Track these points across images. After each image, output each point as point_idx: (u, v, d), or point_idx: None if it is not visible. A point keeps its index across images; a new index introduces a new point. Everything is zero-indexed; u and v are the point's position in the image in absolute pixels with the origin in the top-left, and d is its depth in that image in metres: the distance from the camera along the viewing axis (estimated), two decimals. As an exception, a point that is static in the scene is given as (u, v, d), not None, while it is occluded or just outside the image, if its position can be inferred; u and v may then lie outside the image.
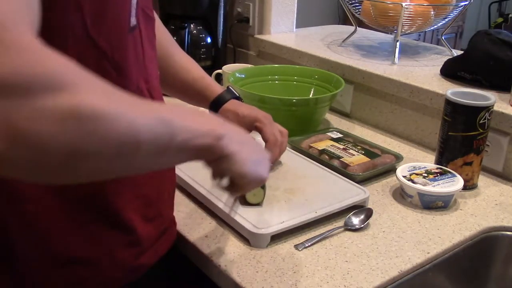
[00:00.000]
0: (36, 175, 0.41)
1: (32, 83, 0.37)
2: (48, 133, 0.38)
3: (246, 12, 1.58)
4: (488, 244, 0.86)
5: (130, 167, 0.47)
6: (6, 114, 0.36)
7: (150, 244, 0.68)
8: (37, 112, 0.37)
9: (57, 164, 0.40)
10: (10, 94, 0.36)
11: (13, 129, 0.36)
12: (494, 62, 1.09)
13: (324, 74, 1.26)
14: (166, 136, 0.47)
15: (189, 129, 0.49)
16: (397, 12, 1.27)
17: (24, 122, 0.37)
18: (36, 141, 0.37)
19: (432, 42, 3.51)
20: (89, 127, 0.40)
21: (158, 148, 0.46)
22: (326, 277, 0.70)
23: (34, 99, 0.37)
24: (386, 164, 1.00)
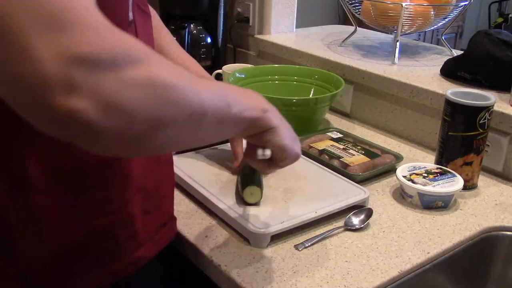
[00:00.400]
0: (118, 146, 0.44)
1: (115, 58, 0.41)
2: (133, 101, 0.41)
3: (246, 12, 1.58)
4: (488, 244, 0.86)
5: (195, 138, 0.51)
6: (96, 86, 0.39)
7: (148, 237, 0.69)
8: (122, 83, 0.41)
9: (139, 133, 0.43)
10: (98, 67, 0.39)
11: (104, 99, 0.40)
12: (494, 62, 1.09)
13: (324, 74, 1.26)
14: (224, 107, 0.52)
15: (240, 102, 0.54)
16: (397, 12, 1.27)
17: (112, 93, 0.40)
18: (124, 109, 0.41)
19: (432, 42, 3.51)
20: (164, 94, 0.44)
21: (218, 119, 0.51)
22: (326, 277, 0.70)
23: (118, 71, 0.41)
24: (386, 164, 1.00)
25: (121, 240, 0.65)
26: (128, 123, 0.42)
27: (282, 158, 0.63)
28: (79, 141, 0.42)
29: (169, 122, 0.45)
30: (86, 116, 0.39)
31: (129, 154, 0.48)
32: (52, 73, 0.38)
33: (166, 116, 0.44)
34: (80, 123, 0.39)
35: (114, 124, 0.41)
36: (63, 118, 0.39)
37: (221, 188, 0.87)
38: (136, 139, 0.44)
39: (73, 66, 0.38)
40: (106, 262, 0.64)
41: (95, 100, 0.39)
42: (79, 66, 0.38)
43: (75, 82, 0.38)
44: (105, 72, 0.40)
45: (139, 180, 0.66)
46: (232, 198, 0.84)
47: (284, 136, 0.61)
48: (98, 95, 0.39)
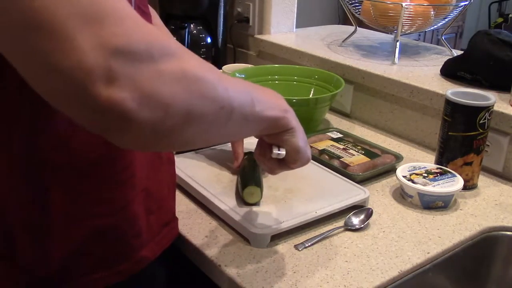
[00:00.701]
0: (148, 139, 0.44)
1: (151, 50, 0.42)
2: (168, 93, 0.42)
3: (246, 12, 1.58)
4: (488, 244, 0.86)
5: (221, 134, 0.53)
6: (134, 77, 0.40)
7: (152, 237, 0.69)
8: (158, 75, 0.42)
9: (171, 126, 0.44)
10: (135, 59, 0.40)
11: (141, 90, 0.41)
12: (494, 62, 1.09)
13: (324, 74, 1.26)
14: (249, 105, 0.53)
15: (263, 101, 0.55)
16: (397, 12, 1.27)
17: (149, 84, 0.41)
18: (159, 101, 0.42)
19: (432, 42, 3.51)
20: (197, 88, 0.45)
21: (243, 116, 0.52)
22: (326, 277, 0.70)
23: (154, 64, 0.41)
24: (386, 164, 1.00)
25: (125, 240, 0.65)
26: (163, 116, 0.42)
27: (295, 160, 0.64)
28: (113, 133, 0.43)
29: (200, 116, 0.46)
30: (125, 107, 0.40)
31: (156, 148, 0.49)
32: (93, 63, 0.38)
33: (198, 109, 0.45)
34: (118, 114, 0.40)
35: (150, 115, 0.42)
36: (103, 108, 0.40)
37: (221, 188, 0.87)
38: (168, 132, 0.44)
39: (112, 57, 0.39)
40: (110, 262, 0.64)
41: (133, 91, 0.40)
42: (118, 58, 0.39)
43: (115, 73, 0.39)
44: (141, 64, 0.41)
45: (142, 180, 0.66)
46: (232, 198, 0.84)
47: (300, 138, 0.63)
48: (136, 86, 0.40)
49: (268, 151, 0.64)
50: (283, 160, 0.65)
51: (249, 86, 0.55)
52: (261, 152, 0.66)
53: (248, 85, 0.55)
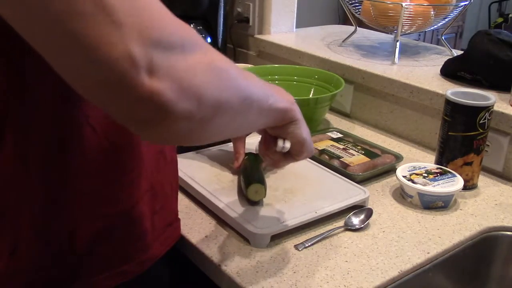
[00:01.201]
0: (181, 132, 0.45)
1: (183, 42, 0.43)
2: (201, 84, 0.44)
3: (246, 12, 1.58)
4: (488, 244, 0.86)
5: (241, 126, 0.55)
6: (171, 68, 0.41)
7: (156, 237, 0.69)
8: (191, 66, 0.43)
9: (203, 117, 0.45)
10: (171, 50, 0.41)
11: (179, 81, 0.42)
12: (494, 62, 1.09)
13: (324, 74, 1.26)
14: (264, 97, 0.55)
15: (273, 94, 0.57)
16: (397, 12, 1.27)
17: (184, 75, 0.42)
18: (194, 91, 0.43)
19: (432, 42, 3.51)
20: (224, 79, 0.47)
21: (260, 108, 0.54)
22: (326, 277, 0.70)
23: (186, 55, 0.43)
24: (386, 164, 1.00)
25: (131, 240, 0.65)
26: (197, 106, 0.43)
27: (300, 152, 0.66)
28: (150, 125, 0.43)
29: (227, 107, 0.47)
30: (165, 97, 0.41)
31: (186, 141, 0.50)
32: (138, 54, 0.39)
33: (226, 100, 0.47)
34: (158, 105, 0.41)
35: (186, 106, 0.42)
36: (145, 99, 0.40)
37: (221, 189, 0.87)
38: (200, 123, 0.45)
39: (152, 48, 0.40)
40: (116, 263, 0.64)
41: (172, 82, 0.41)
42: (157, 49, 0.40)
43: (155, 64, 0.40)
44: (177, 55, 0.42)
45: (148, 180, 0.66)
46: (233, 198, 0.84)
47: (304, 130, 0.65)
48: (174, 77, 0.41)
49: (273, 145, 0.65)
50: (288, 153, 0.66)
51: (261, 80, 0.57)
52: (266, 145, 0.67)
53: (259, 79, 0.57)
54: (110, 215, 0.62)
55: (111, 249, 0.63)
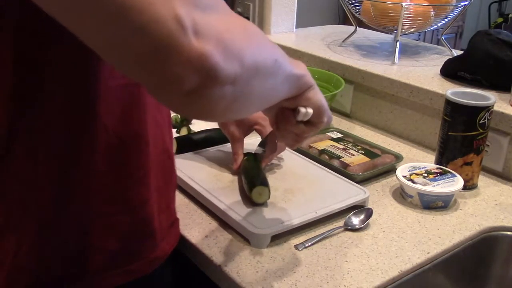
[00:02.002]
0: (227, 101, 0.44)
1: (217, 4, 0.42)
2: (241, 44, 0.42)
3: (246, 12, 1.58)
4: (488, 244, 0.86)
5: (271, 91, 0.52)
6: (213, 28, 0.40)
7: (163, 237, 0.68)
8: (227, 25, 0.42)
9: (246, 80, 0.44)
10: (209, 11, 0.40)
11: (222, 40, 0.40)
12: (494, 62, 1.09)
13: (324, 74, 1.26)
14: (287, 63, 0.53)
15: (289, 61, 0.55)
16: (397, 12, 1.27)
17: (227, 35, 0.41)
18: (237, 51, 0.42)
19: (432, 42, 3.51)
20: (257, 39, 0.46)
21: (285, 72, 0.53)
22: (326, 277, 0.70)
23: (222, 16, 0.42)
24: (386, 164, 1.00)
25: (140, 239, 0.65)
26: (241, 67, 0.42)
27: (321, 117, 0.65)
28: (196, 93, 0.41)
29: (264, 67, 0.46)
30: (213, 59, 0.39)
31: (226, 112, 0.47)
32: (183, 14, 0.37)
33: (261, 61, 0.46)
34: (207, 67, 0.39)
35: (232, 67, 0.41)
36: (194, 62, 0.38)
37: (221, 189, 0.87)
38: (242, 87, 0.44)
39: (193, 8, 0.38)
40: (124, 261, 0.64)
41: (216, 42, 0.39)
42: (197, 8, 0.39)
43: (198, 24, 0.38)
44: (215, 15, 0.41)
45: (155, 178, 0.65)
46: (233, 198, 0.84)
47: (321, 94, 0.63)
48: (217, 38, 0.40)
49: (292, 117, 0.63)
50: (309, 122, 0.64)
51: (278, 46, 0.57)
52: (285, 123, 0.64)
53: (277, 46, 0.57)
54: (119, 213, 0.62)
55: (120, 247, 0.63)
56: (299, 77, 0.58)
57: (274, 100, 0.56)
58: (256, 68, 0.45)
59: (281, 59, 0.51)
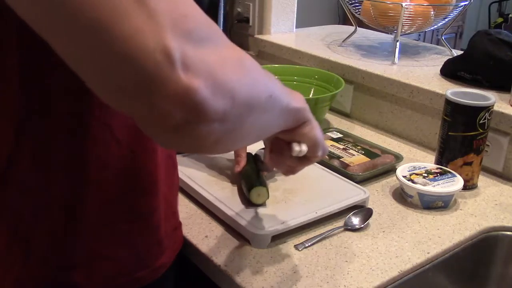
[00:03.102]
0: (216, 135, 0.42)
1: (211, 34, 0.40)
2: (233, 79, 0.40)
3: (246, 12, 1.58)
4: (488, 244, 0.86)
5: (265, 126, 0.51)
6: (204, 62, 0.38)
7: (168, 243, 0.68)
8: (222, 60, 0.40)
9: (237, 116, 0.42)
10: (202, 43, 0.38)
11: (212, 76, 0.38)
12: (494, 62, 1.09)
13: (324, 74, 1.26)
14: (282, 96, 0.51)
15: (287, 92, 0.54)
16: (397, 12, 1.27)
17: (217, 70, 0.39)
18: (228, 88, 0.39)
19: (432, 42, 3.51)
20: (252, 74, 0.44)
21: (280, 106, 0.51)
22: (326, 277, 0.70)
23: (216, 48, 0.40)
24: (386, 164, 1.00)
25: (147, 247, 0.65)
26: (231, 104, 0.40)
27: (316, 152, 0.63)
28: (181, 129, 0.39)
29: (257, 103, 0.45)
30: (201, 95, 0.37)
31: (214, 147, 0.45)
32: (172, 45, 0.35)
33: (255, 97, 0.44)
34: (194, 103, 0.37)
35: (221, 104, 0.39)
36: (180, 97, 0.36)
37: (221, 189, 0.87)
38: (233, 123, 0.42)
39: (185, 39, 0.36)
40: (132, 270, 0.64)
41: (207, 78, 0.38)
42: (190, 41, 0.37)
43: (189, 58, 0.36)
44: (208, 48, 0.39)
45: (162, 186, 0.65)
46: (233, 199, 0.84)
47: (318, 129, 0.62)
48: (208, 72, 0.38)
49: (287, 150, 0.61)
50: (304, 156, 0.63)
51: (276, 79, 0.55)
52: (279, 152, 0.63)
53: (276, 78, 0.55)
54: (128, 222, 0.61)
55: (128, 255, 0.63)
56: (295, 111, 0.56)
57: (268, 133, 0.55)
58: (248, 105, 0.43)
59: (277, 93, 0.49)
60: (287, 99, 0.53)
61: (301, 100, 0.58)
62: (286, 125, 0.57)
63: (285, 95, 0.53)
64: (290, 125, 0.58)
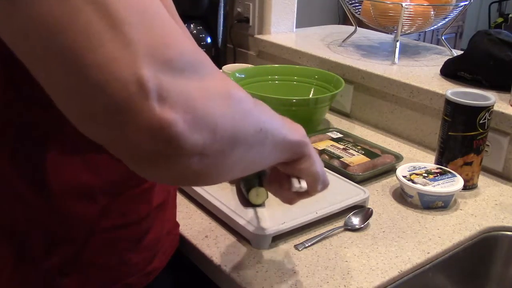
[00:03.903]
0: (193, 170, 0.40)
1: (197, 65, 0.38)
2: (216, 113, 0.38)
3: (246, 12, 1.58)
4: (488, 244, 0.86)
5: (255, 160, 0.49)
6: (184, 94, 0.36)
7: (160, 247, 0.68)
8: (206, 93, 0.38)
9: (218, 152, 0.40)
10: (183, 74, 0.36)
11: (192, 110, 0.36)
12: (494, 62, 1.09)
13: (324, 74, 1.26)
14: (278, 128, 0.50)
15: (286, 125, 0.52)
16: (397, 12, 1.27)
17: (199, 103, 0.37)
18: (209, 122, 0.38)
19: (432, 42, 3.51)
20: (239, 108, 0.41)
21: (274, 140, 0.49)
22: (326, 277, 0.70)
23: (201, 80, 0.38)
24: (386, 164, 1.00)
25: (138, 253, 0.64)
26: (212, 139, 0.38)
27: (315, 187, 0.61)
28: (157, 163, 0.38)
29: (243, 138, 0.42)
30: (177, 129, 0.35)
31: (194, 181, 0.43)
32: (147, 76, 0.34)
33: (241, 131, 0.42)
34: (169, 137, 0.35)
35: (200, 139, 0.37)
36: (154, 130, 0.35)
37: (221, 189, 0.87)
38: (214, 159, 0.40)
39: (163, 70, 0.35)
40: (123, 276, 0.63)
41: (185, 110, 0.36)
42: (168, 71, 0.35)
43: (167, 89, 0.35)
44: (190, 79, 0.37)
45: (159, 192, 0.65)
46: (233, 199, 0.84)
47: (318, 164, 0.60)
48: (187, 105, 0.36)
49: (286, 183, 0.60)
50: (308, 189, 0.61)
51: (272, 110, 0.52)
52: (279, 184, 0.62)
53: (271, 110, 0.52)
54: (119, 228, 0.61)
55: (119, 261, 0.62)
56: (293, 144, 0.54)
57: (261, 166, 0.53)
58: (232, 139, 0.41)
59: (270, 126, 0.47)
60: (285, 131, 0.51)
61: (300, 133, 0.56)
62: (282, 158, 0.55)
63: (283, 128, 0.51)
64: (288, 158, 0.56)
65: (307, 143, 0.57)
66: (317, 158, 0.60)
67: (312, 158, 0.58)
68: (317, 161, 0.59)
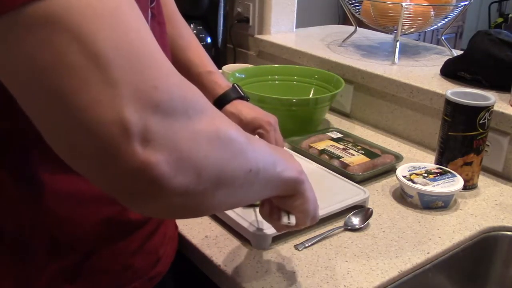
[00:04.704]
0: (175, 208, 0.40)
1: (187, 107, 0.38)
2: (202, 155, 0.38)
3: (246, 12, 1.58)
4: (488, 244, 0.86)
5: (244, 198, 0.49)
6: (170, 137, 0.36)
7: (163, 251, 0.68)
8: (193, 135, 0.38)
9: (201, 193, 0.40)
10: (172, 116, 0.36)
11: (177, 152, 0.37)
12: (494, 62, 1.09)
13: (324, 74, 1.26)
14: (272, 165, 0.49)
15: (281, 161, 0.52)
16: (397, 12, 1.27)
17: (185, 145, 0.37)
18: (194, 164, 0.38)
19: (432, 42, 3.51)
20: (229, 149, 0.41)
21: (266, 178, 0.48)
22: (326, 277, 0.70)
23: (189, 122, 0.38)
24: (386, 164, 1.00)
25: (142, 258, 0.64)
26: (196, 181, 0.38)
27: (305, 223, 0.61)
28: (138, 199, 0.38)
29: (231, 179, 0.42)
30: (159, 171, 0.36)
31: (181, 216, 0.44)
32: (132, 119, 0.34)
33: (229, 172, 0.42)
34: (151, 179, 0.36)
35: (183, 181, 0.37)
36: (135, 171, 0.35)
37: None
38: (197, 199, 0.40)
39: (150, 113, 0.35)
40: (127, 281, 0.63)
41: (169, 152, 0.36)
42: (156, 114, 0.35)
43: (151, 132, 0.35)
44: (178, 121, 0.37)
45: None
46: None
47: (311, 202, 0.59)
48: (172, 147, 0.36)
49: (276, 213, 0.60)
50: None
51: (270, 146, 0.52)
52: (270, 215, 0.61)
53: (267, 144, 0.52)
54: (121, 235, 0.61)
55: (123, 267, 0.62)
56: (287, 181, 0.53)
57: (251, 202, 0.54)
58: (219, 180, 0.41)
59: (264, 164, 0.47)
60: (279, 168, 0.51)
61: (296, 170, 0.55)
62: (275, 194, 0.55)
63: (277, 164, 0.50)
64: (280, 194, 0.55)
65: (302, 181, 0.56)
66: (311, 195, 0.59)
67: (306, 196, 0.57)
68: (311, 199, 0.59)
